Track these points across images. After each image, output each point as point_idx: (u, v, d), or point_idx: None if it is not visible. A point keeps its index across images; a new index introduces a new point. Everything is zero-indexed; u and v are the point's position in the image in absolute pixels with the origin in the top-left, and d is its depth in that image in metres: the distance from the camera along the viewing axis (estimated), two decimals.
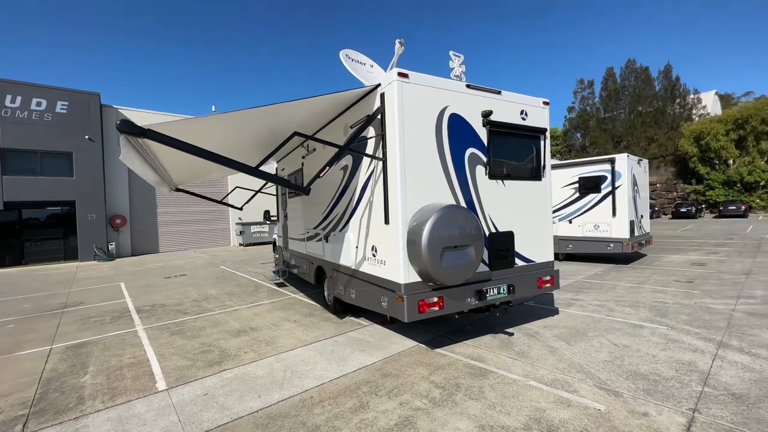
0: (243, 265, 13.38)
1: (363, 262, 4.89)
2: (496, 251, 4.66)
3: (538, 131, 5.12)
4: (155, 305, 7.72)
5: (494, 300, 4.59)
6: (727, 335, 4.76)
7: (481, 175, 4.60)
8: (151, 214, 19.21)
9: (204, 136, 3.98)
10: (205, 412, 3.45)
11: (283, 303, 7.48)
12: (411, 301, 3.97)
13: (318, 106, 4.48)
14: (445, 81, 4.34)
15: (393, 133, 4.02)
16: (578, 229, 10.80)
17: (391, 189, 4.08)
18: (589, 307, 6.30)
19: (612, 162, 10.10)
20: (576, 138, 44.04)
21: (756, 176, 29.60)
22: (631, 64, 40.54)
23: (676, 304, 6.26)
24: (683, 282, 7.91)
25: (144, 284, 10.32)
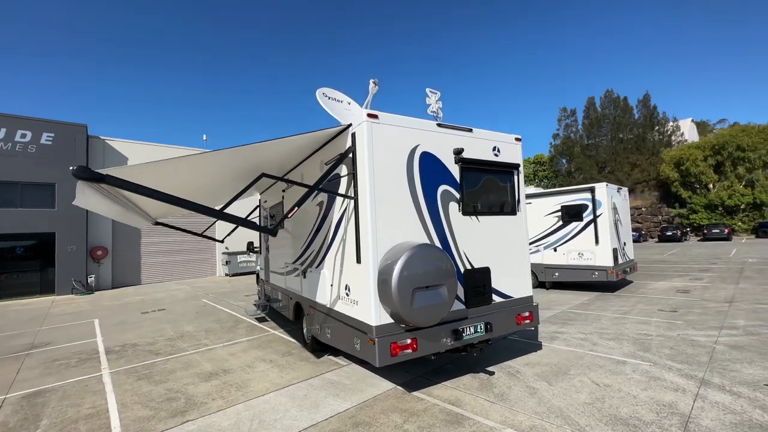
0: (226, 297, 13.02)
1: (337, 300, 4.77)
2: (472, 288, 4.59)
3: (511, 167, 5.20)
4: (126, 345, 7.38)
5: (471, 339, 4.47)
6: (709, 371, 4.67)
7: (454, 212, 4.60)
8: (134, 245, 18.81)
9: (170, 178, 3.94)
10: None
11: (260, 341, 7.21)
12: (383, 344, 3.83)
13: (291, 145, 4.51)
14: (416, 120, 4.41)
15: (363, 172, 4.03)
16: (563, 257, 10.82)
17: (362, 228, 4.04)
18: (573, 341, 6.18)
19: (592, 191, 10.28)
20: (562, 163, 45.15)
21: (736, 200, 30.41)
22: (609, 94, 42.36)
23: (659, 336, 6.18)
24: (667, 311, 7.87)
25: (119, 321, 9.92)
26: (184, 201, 3.16)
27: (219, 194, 6.89)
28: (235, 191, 6.28)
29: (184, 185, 4.68)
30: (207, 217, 14.61)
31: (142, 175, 3.45)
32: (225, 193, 6.77)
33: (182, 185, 4.63)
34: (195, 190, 5.28)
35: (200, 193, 5.89)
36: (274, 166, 5.58)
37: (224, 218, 3.38)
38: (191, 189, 5.04)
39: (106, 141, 18.36)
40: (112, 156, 18.49)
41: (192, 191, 5.28)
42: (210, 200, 7.66)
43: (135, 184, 2.95)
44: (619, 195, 11.25)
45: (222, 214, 3.35)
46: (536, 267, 11.36)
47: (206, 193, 6.24)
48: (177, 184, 4.48)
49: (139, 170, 3.39)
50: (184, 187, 4.75)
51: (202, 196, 6.32)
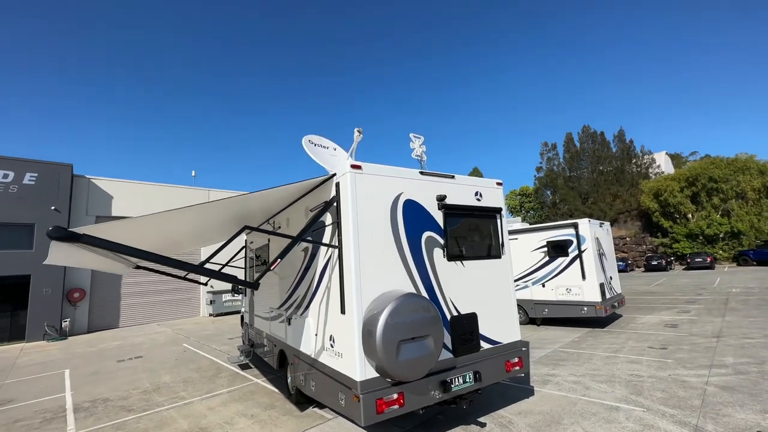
0: (208, 341, 12.48)
1: (322, 351, 4.62)
2: (459, 336, 4.52)
3: (494, 211, 5.30)
4: (98, 400, 6.91)
5: (460, 390, 4.33)
6: (702, 417, 4.59)
7: (439, 258, 4.61)
8: (114, 285, 18.14)
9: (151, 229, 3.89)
10: None
11: (242, 392, 6.85)
12: (368, 400, 3.68)
13: (276, 195, 4.55)
14: (399, 169, 4.52)
15: (347, 222, 4.05)
16: (552, 293, 10.82)
17: (346, 278, 4.00)
18: (565, 385, 6.05)
19: (575, 227, 10.50)
20: (547, 195, 46.30)
21: (715, 229, 31.32)
22: (586, 129, 44.43)
23: (651, 378, 6.10)
24: (657, 348, 7.82)
25: (92, 371, 9.35)
26: (166, 258, 3.11)
27: (204, 238, 6.81)
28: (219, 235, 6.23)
29: (166, 234, 4.62)
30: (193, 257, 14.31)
31: (120, 230, 3.41)
32: (210, 237, 6.69)
33: (164, 234, 4.57)
34: (179, 237, 5.21)
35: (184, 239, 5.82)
36: (258, 213, 5.58)
37: (204, 273, 3.32)
38: (174, 238, 4.97)
39: (91, 180, 18.19)
40: (97, 195, 18.27)
41: (175, 239, 5.21)
42: (195, 243, 7.55)
43: (113, 242, 2.90)
44: (602, 229, 11.50)
45: (201, 269, 3.29)
46: (526, 303, 11.31)
47: (190, 239, 6.16)
48: (158, 234, 4.42)
49: (116, 226, 3.35)
50: (166, 235, 4.68)
51: (186, 241, 6.23)
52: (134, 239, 3.69)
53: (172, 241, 5.11)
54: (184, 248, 7.42)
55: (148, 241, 4.35)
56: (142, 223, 3.53)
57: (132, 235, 3.78)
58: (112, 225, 3.26)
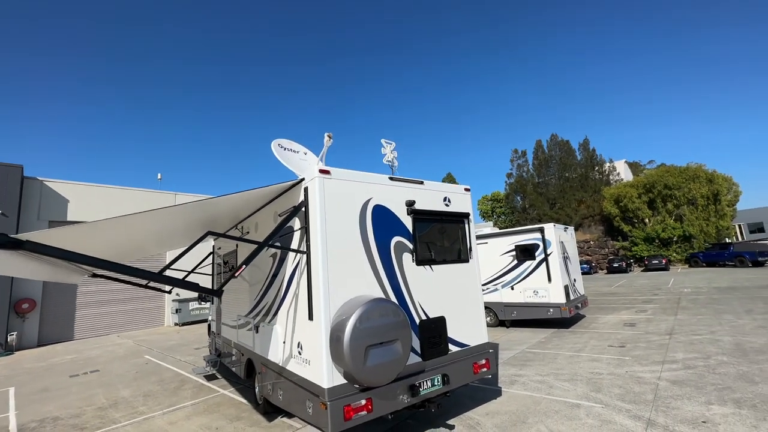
0: (172, 352, 11.91)
1: (290, 359, 4.53)
2: (428, 339, 4.57)
3: (462, 216, 5.43)
4: (46, 419, 6.42)
5: (429, 394, 4.37)
6: (654, 411, 4.87)
7: (408, 262, 4.66)
8: (68, 295, 16.96)
9: (107, 236, 3.69)
10: None
11: (207, 404, 6.58)
12: (335, 408, 3.64)
13: (243, 199, 4.44)
14: (368, 175, 4.55)
15: (315, 227, 4.02)
16: (520, 295, 11.16)
17: (314, 284, 3.96)
18: (531, 384, 6.24)
19: (541, 231, 10.91)
20: (517, 200, 47.88)
21: (669, 233, 33.50)
22: (554, 137, 46.48)
23: (609, 375, 6.41)
24: (616, 347, 8.24)
25: (40, 388, 8.67)
26: (122, 266, 2.95)
27: (168, 243, 6.52)
28: (185, 239, 5.99)
29: (126, 239, 4.39)
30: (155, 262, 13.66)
31: (72, 236, 3.21)
32: (175, 242, 6.42)
33: (123, 239, 4.34)
34: (140, 242, 4.96)
35: (147, 243, 5.55)
36: (225, 217, 5.43)
37: (164, 281, 3.18)
38: (135, 242, 4.73)
39: (44, 182, 17.02)
40: (51, 199, 17.10)
41: (136, 244, 4.96)
42: (159, 247, 7.21)
43: (63, 250, 2.73)
44: (566, 233, 12.02)
45: (161, 277, 3.16)
46: (496, 306, 11.61)
47: (153, 243, 5.89)
48: (117, 239, 4.19)
49: (68, 232, 3.16)
50: (126, 240, 4.45)
51: (148, 246, 5.96)
52: (89, 245, 3.48)
53: (133, 246, 4.86)
54: (147, 252, 7.09)
55: (106, 247, 4.12)
56: (98, 228, 3.34)
57: (87, 240, 3.57)
58: (62, 230, 3.06)
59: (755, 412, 4.59)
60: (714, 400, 5.03)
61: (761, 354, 6.87)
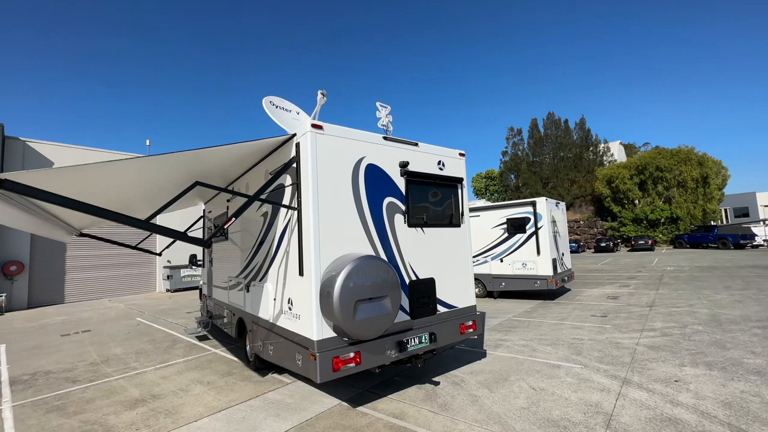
0: (164, 315, 12.02)
1: (280, 315, 4.59)
2: (417, 299, 4.64)
3: (455, 180, 5.40)
4: (38, 373, 6.50)
5: (416, 350, 4.50)
6: (630, 371, 5.09)
7: (400, 224, 4.66)
8: (57, 259, 16.82)
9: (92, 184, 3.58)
10: None
11: (199, 361, 6.70)
12: (324, 359, 3.73)
13: (233, 154, 4.33)
14: (362, 133, 4.45)
15: (307, 183, 3.96)
16: (509, 268, 11.37)
17: (305, 239, 3.95)
18: (515, 348, 6.46)
19: (533, 205, 10.99)
20: (511, 179, 47.97)
21: (657, 214, 34.12)
22: (551, 116, 46.04)
23: (590, 340, 6.65)
24: (598, 316, 8.52)
25: (32, 345, 8.74)
26: (104, 210, 2.88)
27: (155, 204, 6.41)
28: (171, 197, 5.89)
29: (111, 194, 4.28)
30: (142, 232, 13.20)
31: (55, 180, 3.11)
32: (161, 199, 6.30)
33: (108, 193, 4.24)
34: (125, 199, 4.85)
35: (133, 199, 5.44)
36: (215, 175, 5.31)
37: (151, 229, 3.12)
38: (120, 198, 4.62)
39: (26, 143, 16.44)
40: (34, 160, 16.57)
41: (121, 200, 4.86)
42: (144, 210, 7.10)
43: (40, 190, 2.64)
44: (558, 209, 12.13)
45: (148, 225, 3.10)
46: (485, 277, 11.83)
47: (139, 203, 5.78)
48: (101, 192, 4.09)
49: (51, 175, 3.05)
50: (111, 195, 4.34)
51: (134, 206, 5.84)
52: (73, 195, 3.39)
53: (119, 201, 4.75)
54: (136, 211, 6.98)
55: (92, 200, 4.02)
56: (80, 174, 3.24)
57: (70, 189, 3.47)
58: (43, 173, 2.96)
59: (724, 373, 4.83)
60: (687, 363, 5.27)
61: (735, 324, 7.17)
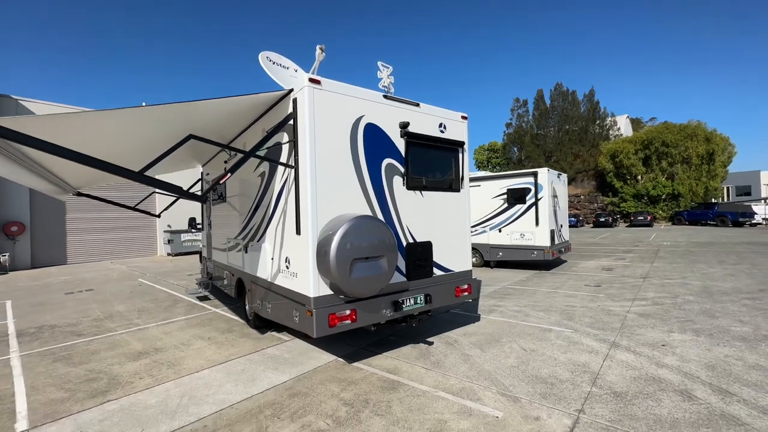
0: (165, 277, 12.23)
1: (278, 274, 4.64)
2: (413, 261, 4.68)
3: (456, 144, 5.29)
4: (44, 327, 6.69)
5: (411, 310, 4.59)
6: (619, 335, 5.23)
7: (398, 186, 4.61)
8: (58, 221, 16.90)
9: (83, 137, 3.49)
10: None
11: (200, 319, 6.88)
12: (320, 315, 3.81)
13: (227, 109, 4.20)
14: (361, 90, 4.30)
15: (304, 140, 3.87)
16: (507, 238, 11.43)
17: (302, 198, 3.91)
18: (508, 313, 6.60)
19: (535, 175, 10.87)
20: (513, 151, 47.30)
21: (659, 190, 33.97)
22: (558, 87, 44.65)
23: (582, 308, 6.80)
24: (592, 286, 8.66)
25: (36, 302, 8.95)
26: (95, 160, 2.81)
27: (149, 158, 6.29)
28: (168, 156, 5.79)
29: (103, 146, 4.18)
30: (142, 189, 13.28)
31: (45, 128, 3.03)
32: (154, 153, 6.18)
33: (100, 145, 4.14)
34: (119, 152, 4.74)
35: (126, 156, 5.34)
36: (211, 132, 5.19)
37: (145, 181, 3.07)
38: (113, 151, 4.51)
39: (19, 101, 16.03)
40: None
41: (115, 153, 4.74)
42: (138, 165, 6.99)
43: (24, 135, 2.56)
44: (559, 180, 12.02)
45: (142, 177, 3.04)
46: (482, 247, 11.93)
47: (133, 157, 5.67)
48: (93, 144, 3.99)
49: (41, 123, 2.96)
50: (103, 147, 4.24)
51: (128, 160, 5.74)
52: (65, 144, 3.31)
53: (113, 154, 4.62)
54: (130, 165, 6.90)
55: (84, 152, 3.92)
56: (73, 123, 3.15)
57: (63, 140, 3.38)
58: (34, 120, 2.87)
59: (711, 339, 4.97)
60: (675, 330, 5.40)
61: (726, 296, 7.30)
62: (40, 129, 3.01)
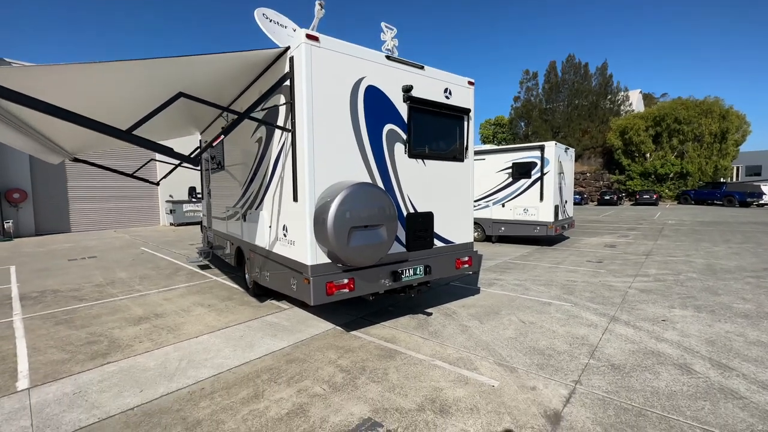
0: (168, 246, 12.30)
1: (276, 242, 4.57)
2: (414, 232, 4.58)
3: (462, 111, 5.05)
4: (46, 291, 6.76)
5: (410, 281, 4.54)
6: (620, 310, 5.20)
7: (400, 153, 4.43)
8: (59, 189, 16.87)
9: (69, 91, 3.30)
10: (69, 412, 3.00)
11: (200, 286, 6.92)
12: (318, 283, 3.75)
13: (220, 67, 3.96)
14: (362, 50, 4.04)
15: (301, 101, 3.67)
16: (510, 213, 11.29)
17: (299, 163, 3.77)
18: (508, 286, 6.58)
19: (542, 149, 10.58)
20: (521, 126, 46.20)
21: (667, 169, 33.32)
22: (571, 59, 42.93)
23: (583, 282, 6.76)
24: (594, 262, 8.60)
25: (40, 267, 9.03)
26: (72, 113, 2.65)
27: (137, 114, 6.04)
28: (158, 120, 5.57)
29: (90, 103, 3.93)
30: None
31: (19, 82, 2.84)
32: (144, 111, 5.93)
33: (86, 102, 3.88)
34: (104, 109, 4.44)
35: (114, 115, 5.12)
36: (206, 94, 4.96)
37: (132, 140, 2.93)
38: (98, 108, 4.24)
39: (13, 64, 15.56)
40: None
41: (102, 112, 4.49)
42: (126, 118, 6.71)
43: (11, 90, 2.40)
44: (566, 155, 11.72)
45: (129, 136, 2.89)
46: (484, 221, 11.82)
47: (121, 116, 5.44)
48: (78, 97, 3.74)
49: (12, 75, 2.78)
50: (89, 104, 3.97)
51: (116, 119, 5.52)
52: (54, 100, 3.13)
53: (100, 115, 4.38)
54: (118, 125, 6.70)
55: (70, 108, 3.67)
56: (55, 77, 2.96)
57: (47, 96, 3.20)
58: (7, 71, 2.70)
59: (712, 315, 4.92)
60: (677, 305, 5.36)
61: (729, 273, 7.22)
62: (14, 82, 2.83)
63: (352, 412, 2.91)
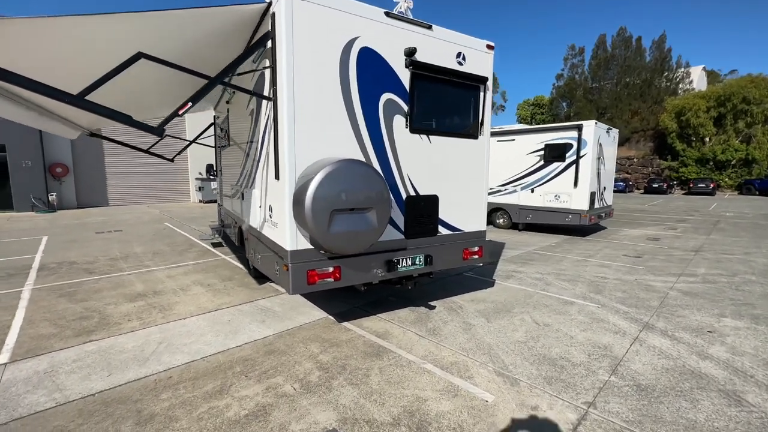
0: (190, 222, 12.55)
1: (264, 223, 4.24)
2: (414, 217, 4.08)
3: (478, 80, 4.37)
4: (64, 263, 6.96)
5: (408, 271, 4.07)
6: (656, 316, 4.46)
7: (400, 127, 3.89)
8: (98, 165, 17.74)
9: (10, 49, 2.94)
10: (32, 394, 2.88)
11: (206, 265, 6.85)
12: (297, 270, 3.39)
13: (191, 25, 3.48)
14: (356, 4, 3.47)
15: (282, 66, 3.21)
16: (539, 199, 10.37)
17: (280, 136, 3.34)
18: (527, 280, 5.94)
19: (579, 129, 9.49)
20: (562, 107, 43.09)
21: (729, 155, 29.82)
22: (622, 32, 38.98)
23: (615, 280, 5.97)
24: (631, 257, 7.67)
25: (69, 239, 9.45)
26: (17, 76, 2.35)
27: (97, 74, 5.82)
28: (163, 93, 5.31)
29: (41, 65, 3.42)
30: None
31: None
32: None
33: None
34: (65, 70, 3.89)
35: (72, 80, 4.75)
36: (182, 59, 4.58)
37: (84, 106, 2.62)
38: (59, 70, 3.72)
39: None
40: None
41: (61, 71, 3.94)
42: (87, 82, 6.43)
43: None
44: (608, 136, 10.49)
45: (81, 101, 2.59)
46: (511, 207, 10.99)
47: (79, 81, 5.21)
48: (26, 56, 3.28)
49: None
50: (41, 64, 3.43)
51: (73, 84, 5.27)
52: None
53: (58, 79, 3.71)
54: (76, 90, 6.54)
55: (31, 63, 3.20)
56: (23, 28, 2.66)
57: None
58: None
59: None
60: (728, 314, 4.53)
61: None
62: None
63: (316, 420, 2.56)
